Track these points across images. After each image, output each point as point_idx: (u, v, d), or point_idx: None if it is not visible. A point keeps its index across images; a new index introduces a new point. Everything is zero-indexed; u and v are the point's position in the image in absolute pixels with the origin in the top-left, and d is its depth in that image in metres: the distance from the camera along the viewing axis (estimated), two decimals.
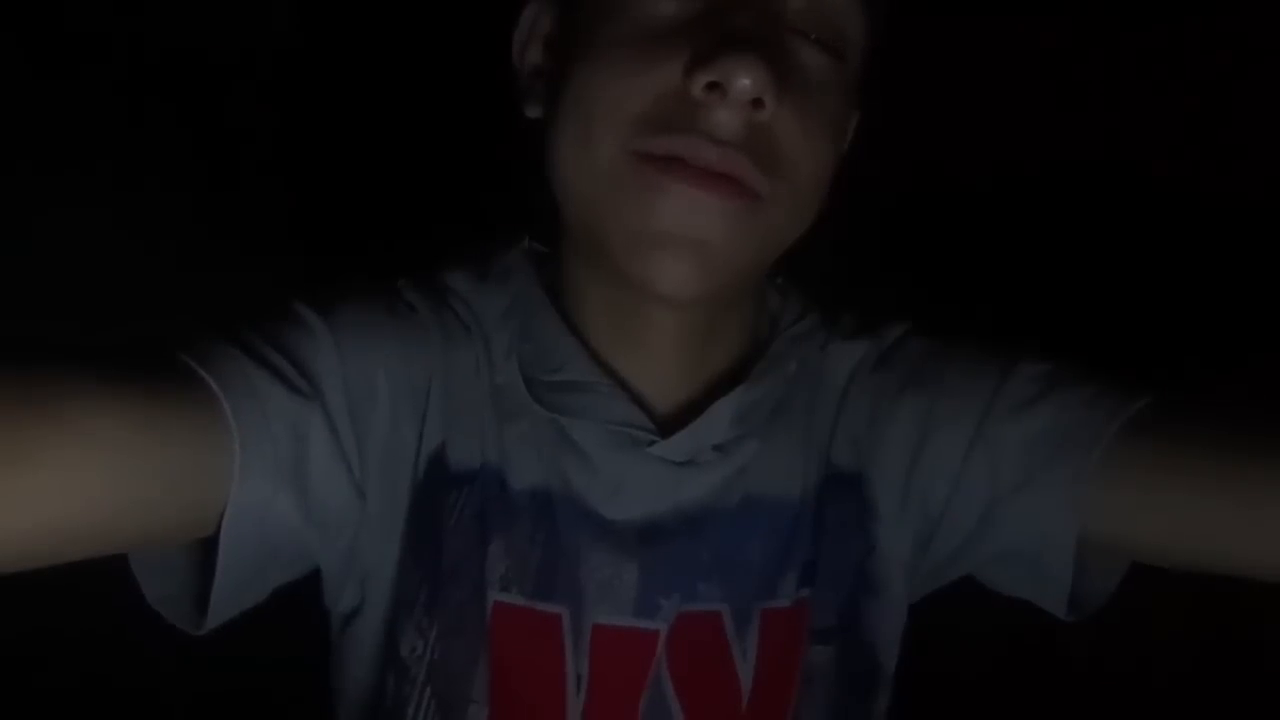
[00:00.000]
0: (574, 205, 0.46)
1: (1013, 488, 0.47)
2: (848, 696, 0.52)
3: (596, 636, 0.49)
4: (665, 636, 0.49)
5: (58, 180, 0.83)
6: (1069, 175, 0.83)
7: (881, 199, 0.78)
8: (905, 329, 0.55)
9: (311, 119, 0.90)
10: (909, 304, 0.56)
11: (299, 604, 0.51)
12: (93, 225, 0.82)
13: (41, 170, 0.83)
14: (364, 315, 0.49)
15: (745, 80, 0.40)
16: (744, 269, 0.45)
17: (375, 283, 0.53)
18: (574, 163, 0.45)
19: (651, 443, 0.49)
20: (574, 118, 0.44)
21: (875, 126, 0.54)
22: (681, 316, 0.49)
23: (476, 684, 0.49)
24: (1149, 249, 0.80)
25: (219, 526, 0.42)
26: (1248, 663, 0.80)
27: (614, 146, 0.43)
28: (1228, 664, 0.81)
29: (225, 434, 0.41)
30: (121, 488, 0.38)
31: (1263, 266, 0.75)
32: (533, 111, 0.50)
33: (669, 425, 0.50)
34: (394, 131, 0.89)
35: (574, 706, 0.49)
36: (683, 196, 0.42)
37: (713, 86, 0.40)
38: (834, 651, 0.51)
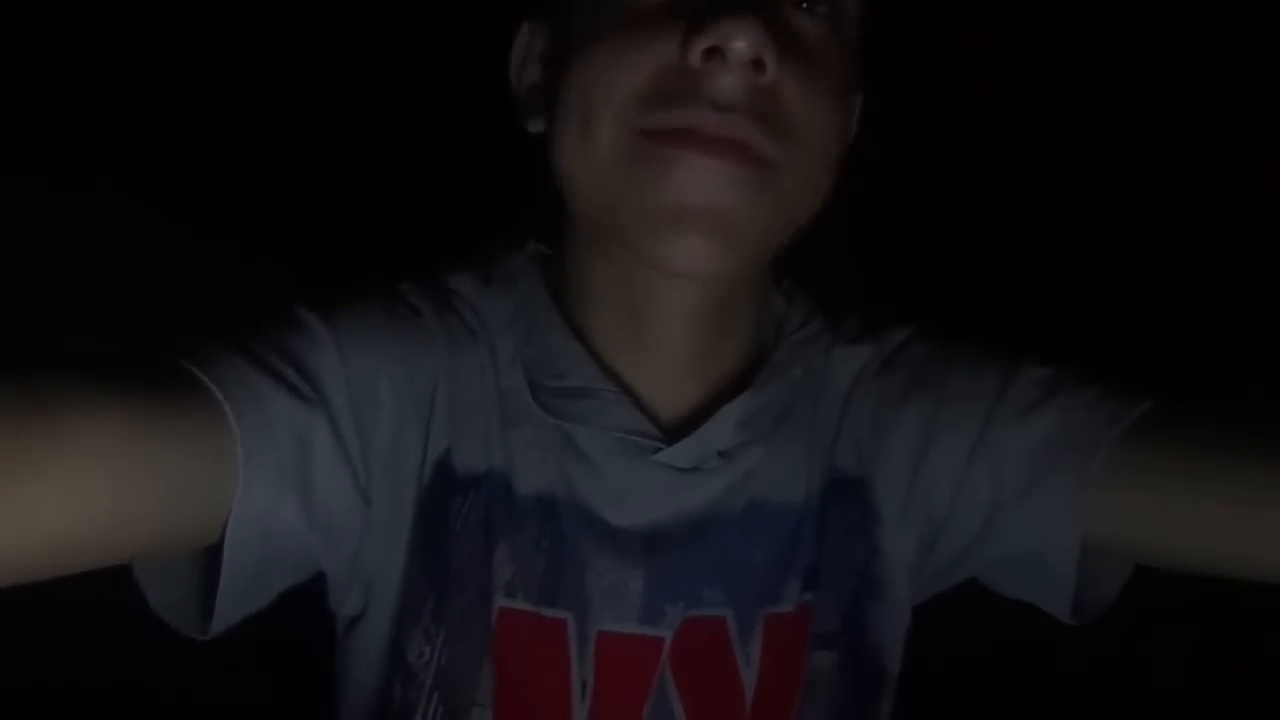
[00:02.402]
0: (584, 200, 0.46)
1: (1016, 492, 0.48)
2: (851, 700, 0.52)
3: (601, 643, 0.49)
4: (669, 643, 0.50)
5: (51, 181, 0.83)
6: (1071, 178, 0.83)
7: (885, 202, 0.78)
8: (909, 333, 0.54)
9: (314, 121, 0.90)
10: (913, 307, 0.56)
11: (303, 603, 0.51)
12: (89, 230, 0.82)
13: (36, 171, 0.83)
14: (367, 320, 0.49)
15: (741, 42, 0.40)
16: (761, 240, 0.45)
17: (379, 286, 0.52)
18: (579, 154, 0.45)
19: (657, 449, 0.49)
20: (575, 109, 0.44)
21: (880, 129, 0.55)
22: (693, 313, 0.48)
23: (481, 688, 0.49)
24: (1151, 252, 0.80)
25: (223, 533, 0.42)
26: (1248, 664, 0.81)
27: (617, 128, 0.43)
28: (1229, 665, 0.81)
29: (228, 441, 0.41)
30: (124, 497, 0.38)
31: (1263, 271, 0.75)
32: (535, 126, 0.50)
33: (674, 431, 0.50)
34: (398, 133, 0.88)
35: (579, 712, 0.49)
36: (694, 167, 0.41)
37: (711, 53, 0.40)
38: (837, 655, 0.51)
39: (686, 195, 0.42)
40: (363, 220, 0.88)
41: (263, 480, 0.42)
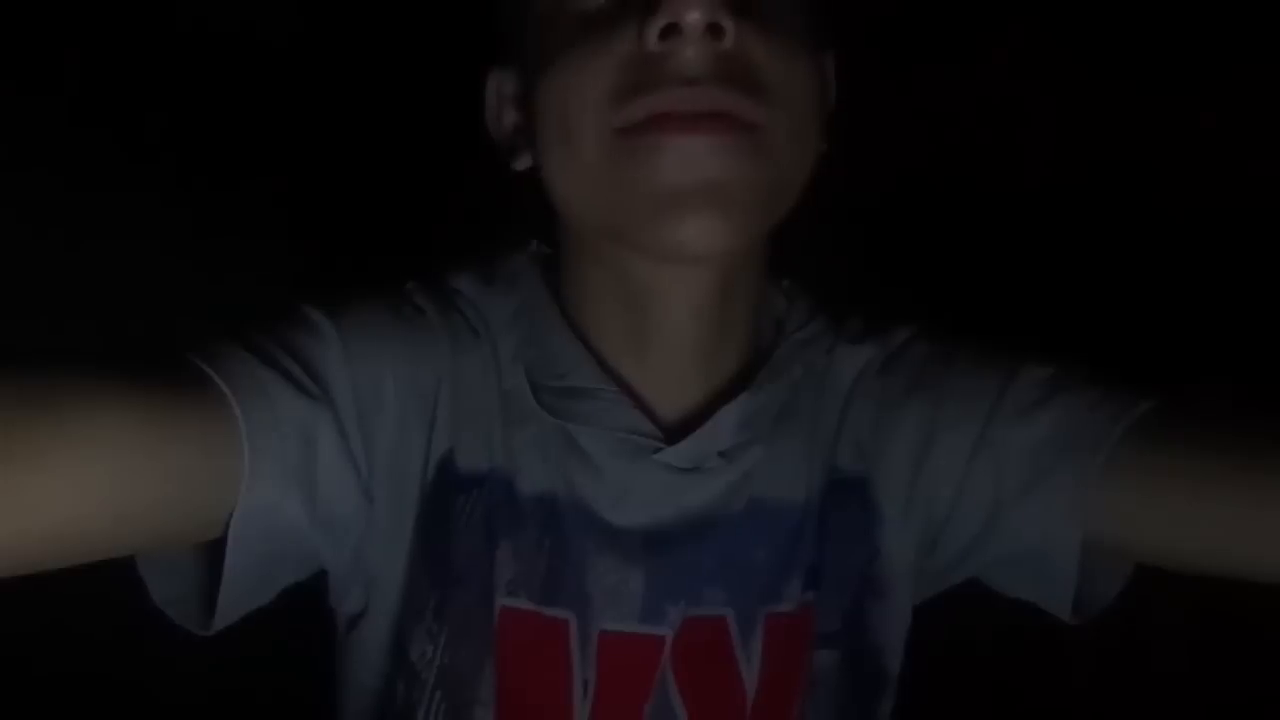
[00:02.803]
0: (581, 213, 0.47)
1: (1017, 492, 0.48)
2: (852, 700, 0.52)
3: (603, 643, 0.49)
4: (671, 642, 0.50)
5: (59, 180, 0.83)
6: (1072, 177, 0.83)
7: (886, 202, 0.78)
8: (911, 333, 0.54)
9: (319, 120, 0.90)
10: (913, 307, 0.56)
11: (304, 600, 0.51)
12: (94, 227, 0.82)
13: (38, 169, 0.83)
14: (372, 318, 0.49)
15: (694, 13, 0.40)
16: (762, 209, 0.44)
17: (383, 285, 0.53)
18: (567, 169, 0.45)
19: (657, 450, 0.49)
20: (555, 127, 0.44)
21: (882, 129, 0.55)
22: (693, 309, 0.48)
23: (483, 687, 0.49)
24: (1152, 252, 0.80)
25: (226, 529, 0.42)
26: (1249, 664, 0.81)
27: (598, 133, 0.43)
28: (1229, 666, 0.82)
29: (234, 436, 0.41)
30: (129, 489, 0.38)
31: (1266, 270, 0.75)
32: (521, 164, 0.51)
33: (674, 431, 0.50)
34: (400, 133, 0.89)
35: (580, 711, 0.49)
36: (679, 148, 0.41)
37: (668, 32, 0.40)
38: (839, 655, 0.51)
39: (679, 177, 0.41)
40: (366, 219, 0.89)
41: (267, 476, 0.42)
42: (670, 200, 0.42)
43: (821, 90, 0.47)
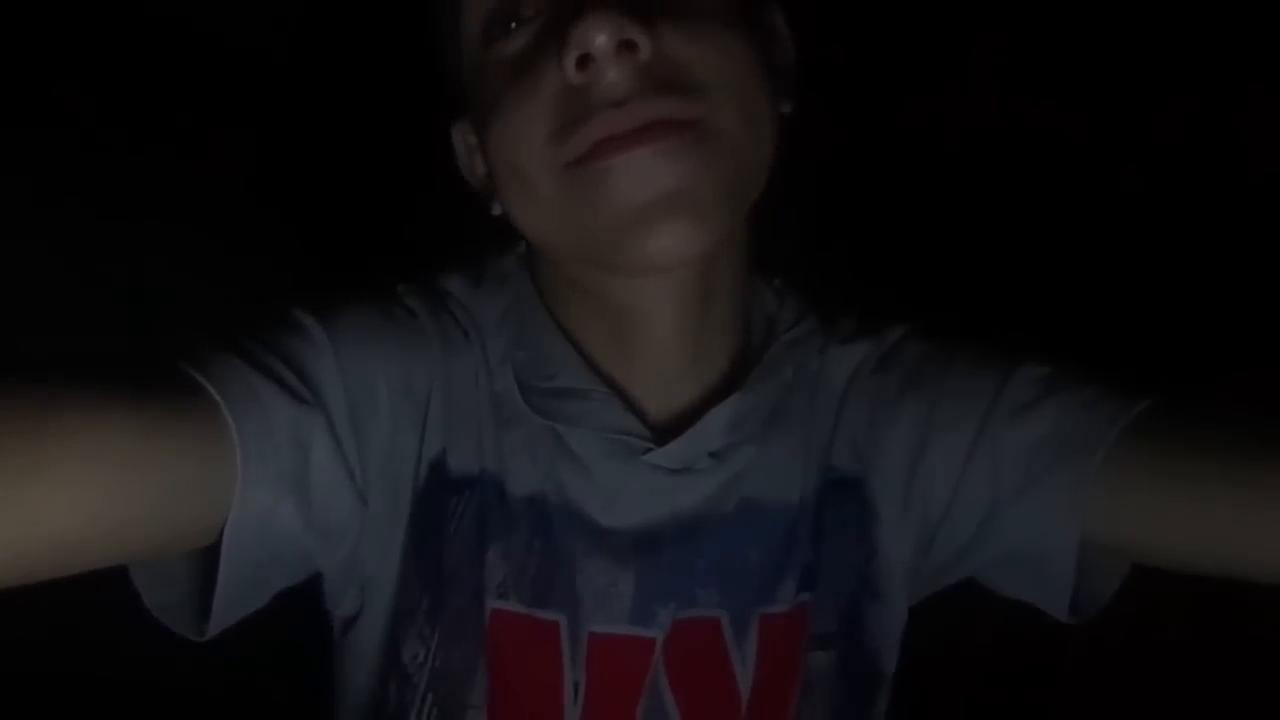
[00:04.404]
0: (556, 249, 0.47)
1: (1014, 491, 0.47)
2: (848, 700, 0.52)
3: (593, 645, 0.49)
4: (662, 644, 0.50)
5: (46, 184, 0.83)
6: (1071, 177, 0.83)
7: (883, 201, 0.78)
8: (905, 331, 0.54)
9: (312, 121, 0.90)
10: (908, 306, 0.56)
11: (300, 604, 0.51)
12: (87, 229, 0.82)
13: (34, 173, 0.83)
14: (363, 321, 0.49)
15: (600, 37, 0.39)
16: (728, 198, 0.43)
17: (375, 287, 0.53)
18: (530, 212, 0.45)
19: (647, 450, 0.49)
20: (509, 175, 0.45)
21: (879, 129, 0.54)
22: (674, 314, 0.48)
23: (475, 690, 0.49)
24: (1150, 250, 0.80)
25: (220, 534, 0.42)
26: (1248, 664, 0.81)
27: (549, 173, 0.43)
28: (1228, 666, 0.81)
29: (227, 443, 0.41)
30: (126, 498, 0.38)
31: (1264, 268, 0.75)
32: (497, 209, 0.51)
33: (665, 431, 0.50)
34: (393, 134, 0.88)
35: (571, 713, 0.49)
36: (627, 166, 0.41)
37: (583, 62, 0.40)
38: (835, 656, 0.51)
39: (636, 193, 0.41)
40: (358, 221, 0.88)
41: (261, 482, 0.42)
42: (634, 217, 0.42)
43: (765, 56, 0.45)
